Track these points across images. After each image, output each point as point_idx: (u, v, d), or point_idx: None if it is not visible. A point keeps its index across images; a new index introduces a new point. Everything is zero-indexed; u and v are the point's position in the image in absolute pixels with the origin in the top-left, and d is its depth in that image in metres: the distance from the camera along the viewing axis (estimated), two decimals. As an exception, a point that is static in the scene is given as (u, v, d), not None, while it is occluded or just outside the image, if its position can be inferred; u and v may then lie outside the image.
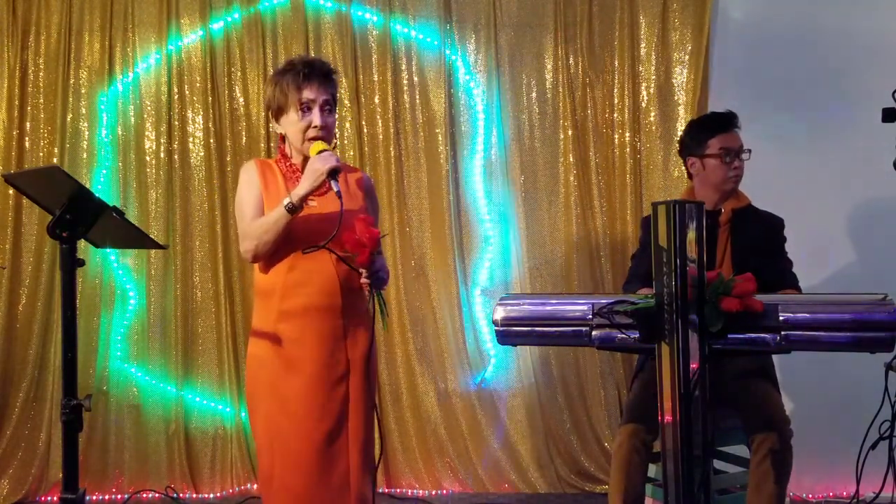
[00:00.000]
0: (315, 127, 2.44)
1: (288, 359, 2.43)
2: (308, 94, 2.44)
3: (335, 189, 2.36)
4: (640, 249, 3.16)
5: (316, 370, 2.42)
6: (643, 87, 4.01)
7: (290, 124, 2.47)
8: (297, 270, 2.43)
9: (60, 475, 2.34)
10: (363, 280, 2.38)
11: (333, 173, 2.36)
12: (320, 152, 2.40)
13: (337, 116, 2.62)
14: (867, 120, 3.00)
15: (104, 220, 2.09)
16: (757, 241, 2.92)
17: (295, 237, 2.42)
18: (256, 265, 2.51)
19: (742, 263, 2.75)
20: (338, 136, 4.00)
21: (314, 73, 2.46)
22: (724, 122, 2.99)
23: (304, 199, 2.37)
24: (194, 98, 4.03)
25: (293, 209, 2.36)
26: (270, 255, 2.45)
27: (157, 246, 2.46)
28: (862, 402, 2.79)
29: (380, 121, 4.04)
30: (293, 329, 2.43)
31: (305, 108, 2.45)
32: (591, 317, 2.25)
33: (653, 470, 2.90)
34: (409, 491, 3.97)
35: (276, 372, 2.44)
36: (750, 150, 2.98)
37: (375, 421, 2.53)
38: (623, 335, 2.22)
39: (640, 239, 3.21)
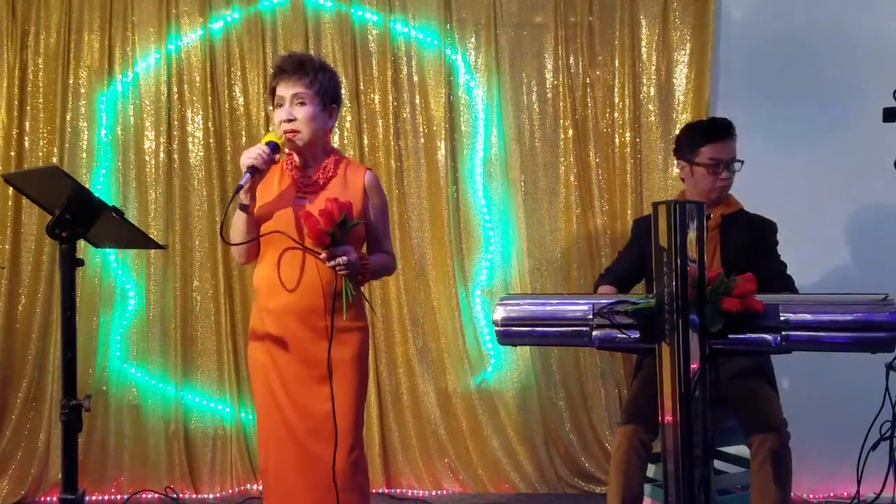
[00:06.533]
0: (284, 121, 2.46)
1: (273, 357, 2.48)
2: (280, 90, 2.49)
3: (241, 183, 2.36)
4: (625, 249, 3.17)
5: (294, 370, 2.46)
6: (643, 87, 4.01)
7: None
8: (281, 269, 2.45)
9: (60, 475, 2.33)
10: (322, 259, 2.36)
11: (252, 170, 2.36)
12: (267, 143, 2.41)
13: (337, 107, 2.57)
14: (867, 120, 3.00)
15: (104, 220, 2.09)
16: (746, 245, 2.91)
17: (275, 235, 2.43)
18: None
19: (732, 269, 2.75)
20: (337, 134, 3.99)
21: (284, 69, 2.49)
22: (719, 132, 2.95)
23: (248, 194, 2.39)
24: (194, 98, 4.02)
25: (243, 206, 2.41)
26: (257, 253, 2.51)
27: (156, 246, 2.47)
28: (862, 402, 2.79)
29: (380, 121, 4.04)
30: (276, 328, 2.47)
31: (278, 105, 2.49)
32: (591, 317, 2.25)
33: (652, 470, 2.90)
34: (409, 491, 3.96)
35: (265, 369, 2.50)
36: (742, 161, 2.96)
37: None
38: (623, 335, 2.22)
39: (629, 240, 3.21)
